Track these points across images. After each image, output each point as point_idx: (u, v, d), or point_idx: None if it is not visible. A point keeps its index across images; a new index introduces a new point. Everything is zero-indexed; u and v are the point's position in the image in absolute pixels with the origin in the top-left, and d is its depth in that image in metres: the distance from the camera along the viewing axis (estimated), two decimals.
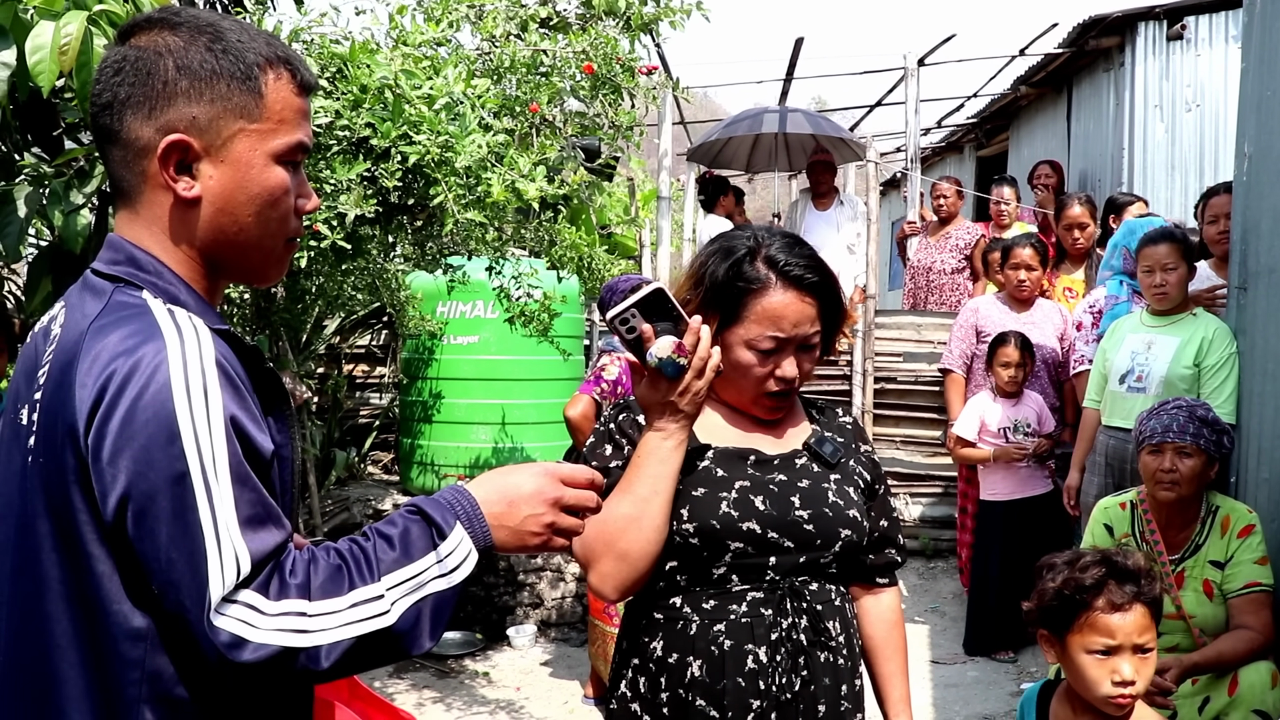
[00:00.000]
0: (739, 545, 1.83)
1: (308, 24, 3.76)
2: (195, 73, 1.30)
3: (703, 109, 25.45)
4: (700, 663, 1.82)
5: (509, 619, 6.02)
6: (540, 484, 1.39)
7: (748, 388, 1.93)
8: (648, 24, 4.10)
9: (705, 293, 1.92)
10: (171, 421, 1.18)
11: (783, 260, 1.90)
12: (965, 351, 5.88)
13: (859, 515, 1.92)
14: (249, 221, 1.35)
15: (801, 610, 1.85)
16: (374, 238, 4.11)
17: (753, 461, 1.91)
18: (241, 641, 1.17)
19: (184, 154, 1.31)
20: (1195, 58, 8.44)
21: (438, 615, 1.29)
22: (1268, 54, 3.72)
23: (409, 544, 1.29)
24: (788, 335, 1.89)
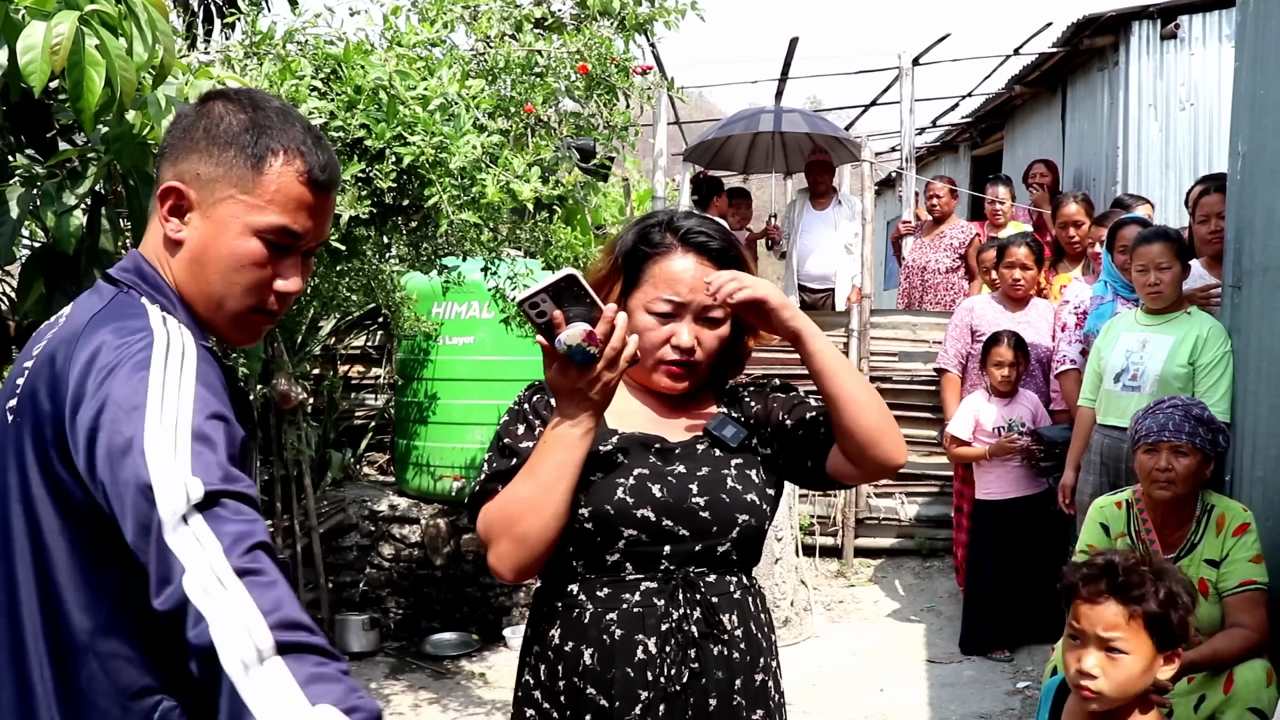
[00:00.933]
0: (632, 532, 1.82)
1: (302, 25, 3.76)
2: (216, 138, 1.47)
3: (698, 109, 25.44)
4: (592, 651, 1.82)
5: (505, 620, 6.02)
6: None
7: (645, 355, 1.90)
8: (642, 24, 4.10)
9: (614, 262, 1.96)
10: (144, 387, 1.28)
11: (686, 227, 1.92)
12: (960, 351, 5.89)
13: (758, 499, 1.89)
14: (215, 278, 1.47)
15: (695, 601, 1.83)
16: (369, 239, 4.11)
17: (656, 450, 1.90)
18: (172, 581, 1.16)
19: (180, 200, 1.47)
20: (1189, 57, 8.45)
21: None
22: (1261, 53, 3.72)
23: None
24: (683, 299, 1.88)
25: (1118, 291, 4.95)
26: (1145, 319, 4.39)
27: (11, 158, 2.58)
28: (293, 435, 5.20)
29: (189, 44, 4.00)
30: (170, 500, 1.19)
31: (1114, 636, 2.27)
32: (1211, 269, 4.53)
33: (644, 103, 4.48)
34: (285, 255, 1.49)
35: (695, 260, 1.90)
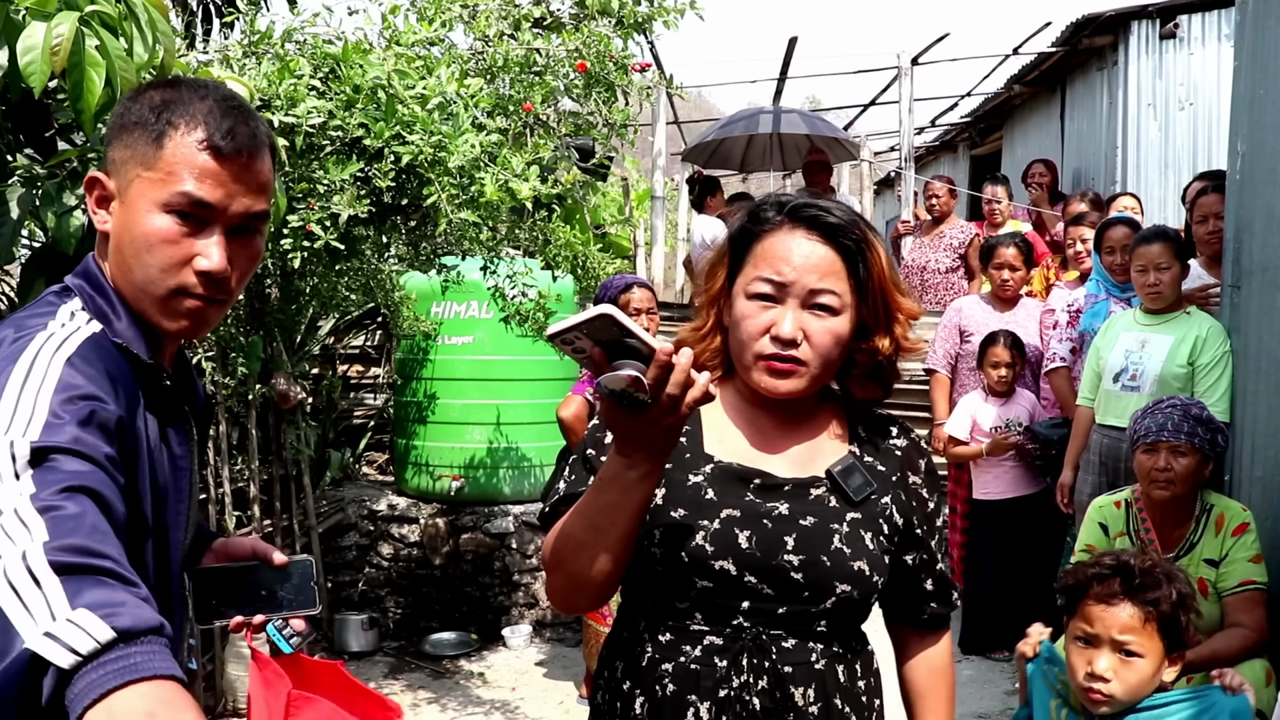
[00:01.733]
0: (707, 584, 1.57)
1: (300, 24, 3.76)
2: (127, 123, 1.44)
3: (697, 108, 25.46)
4: (643, 701, 1.60)
5: (504, 619, 6.01)
6: None
7: (743, 349, 1.62)
8: (641, 23, 4.10)
9: (723, 244, 1.71)
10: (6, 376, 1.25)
11: (798, 202, 1.64)
12: (949, 351, 5.89)
13: (868, 569, 1.61)
14: (133, 262, 1.43)
15: (762, 669, 1.57)
16: (368, 238, 4.11)
17: (756, 486, 1.62)
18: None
19: (103, 190, 1.45)
20: (1188, 56, 8.46)
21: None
22: (1260, 52, 3.73)
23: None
24: (785, 279, 1.58)
25: (1109, 291, 4.97)
26: (1144, 319, 4.39)
27: (11, 158, 2.57)
28: (292, 435, 5.20)
29: (188, 44, 4.00)
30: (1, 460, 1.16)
31: (1129, 639, 2.26)
32: (1210, 269, 4.53)
33: (643, 102, 4.48)
34: (203, 230, 1.42)
35: (805, 235, 1.60)
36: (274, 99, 3.46)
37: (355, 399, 7.32)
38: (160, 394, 1.46)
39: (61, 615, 1.02)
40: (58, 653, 1.00)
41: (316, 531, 5.48)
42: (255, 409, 4.92)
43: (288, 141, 3.37)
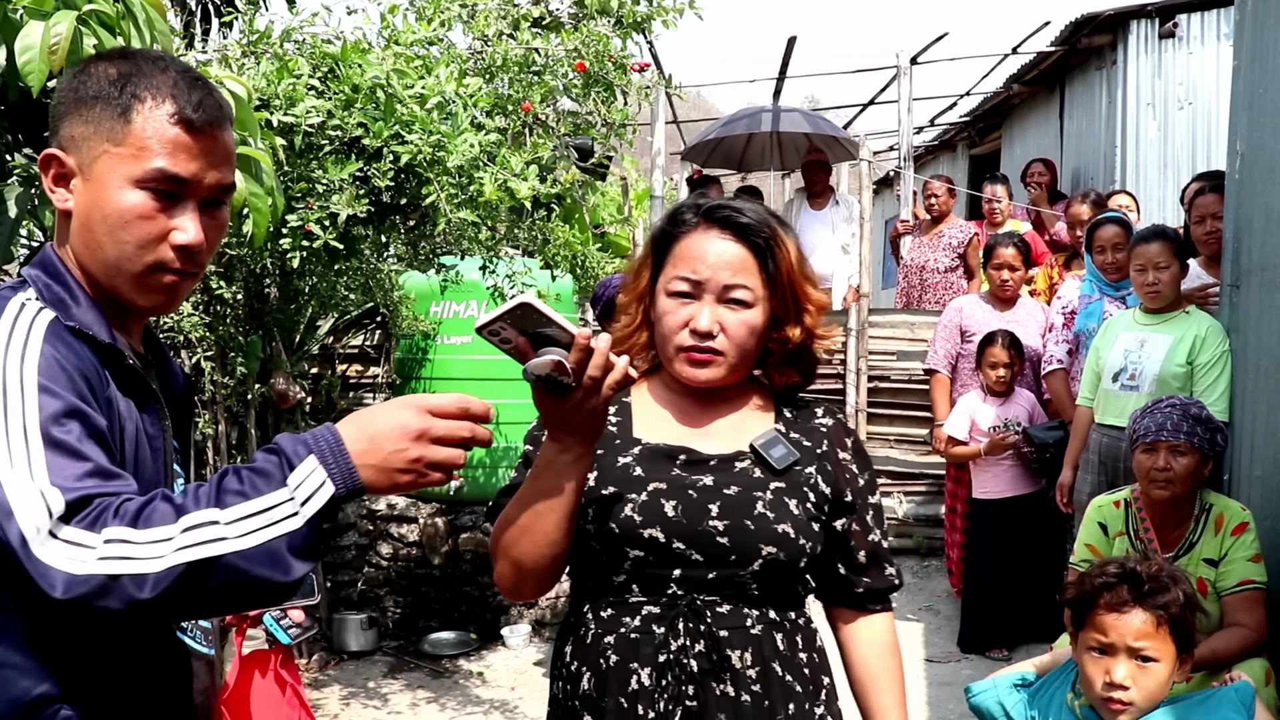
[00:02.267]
0: (638, 553, 1.66)
1: (299, 24, 3.76)
2: (82, 97, 1.40)
3: (696, 108, 25.47)
4: (590, 676, 1.68)
5: (503, 619, 6.01)
6: (404, 418, 1.30)
7: (666, 342, 1.74)
8: (640, 22, 4.10)
9: (646, 248, 1.83)
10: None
11: (714, 205, 1.76)
12: (950, 351, 5.88)
13: (793, 531, 1.68)
14: (105, 240, 1.40)
15: (698, 633, 1.64)
16: (367, 237, 4.11)
17: (682, 462, 1.72)
18: (60, 575, 1.18)
19: (61, 168, 1.41)
20: (1187, 55, 8.46)
21: (300, 548, 1.24)
22: (1259, 51, 3.73)
23: (256, 479, 1.25)
24: (700, 277, 1.70)
25: (1103, 290, 4.97)
26: (1143, 318, 4.39)
27: (10, 157, 2.57)
28: (169, 429, 5.20)
29: (187, 43, 4.00)
30: (31, 517, 1.20)
31: (1145, 645, 2.26)
32: (1208, 268, 4.53)
33: (641, 101, 4.48)
34: (177, 204, 1.41)
35: (719, 235, 1.72)
36: (273, 98, 3.46)
37: (354, 399, 7.31)
38: (125, 375, 1.43)
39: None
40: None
41: None
42: (254, 409, 4.92)
43: (286, 141, 3.37)
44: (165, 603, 1.20)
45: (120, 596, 1.18)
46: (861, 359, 7.36)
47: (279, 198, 2.70)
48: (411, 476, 1.30)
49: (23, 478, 1.21)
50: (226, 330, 4.65)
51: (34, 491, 1.21)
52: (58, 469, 1.23)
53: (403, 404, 1.32)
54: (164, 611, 1.22)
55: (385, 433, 1.29)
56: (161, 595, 1.19)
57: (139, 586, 1.18)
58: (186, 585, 1.20)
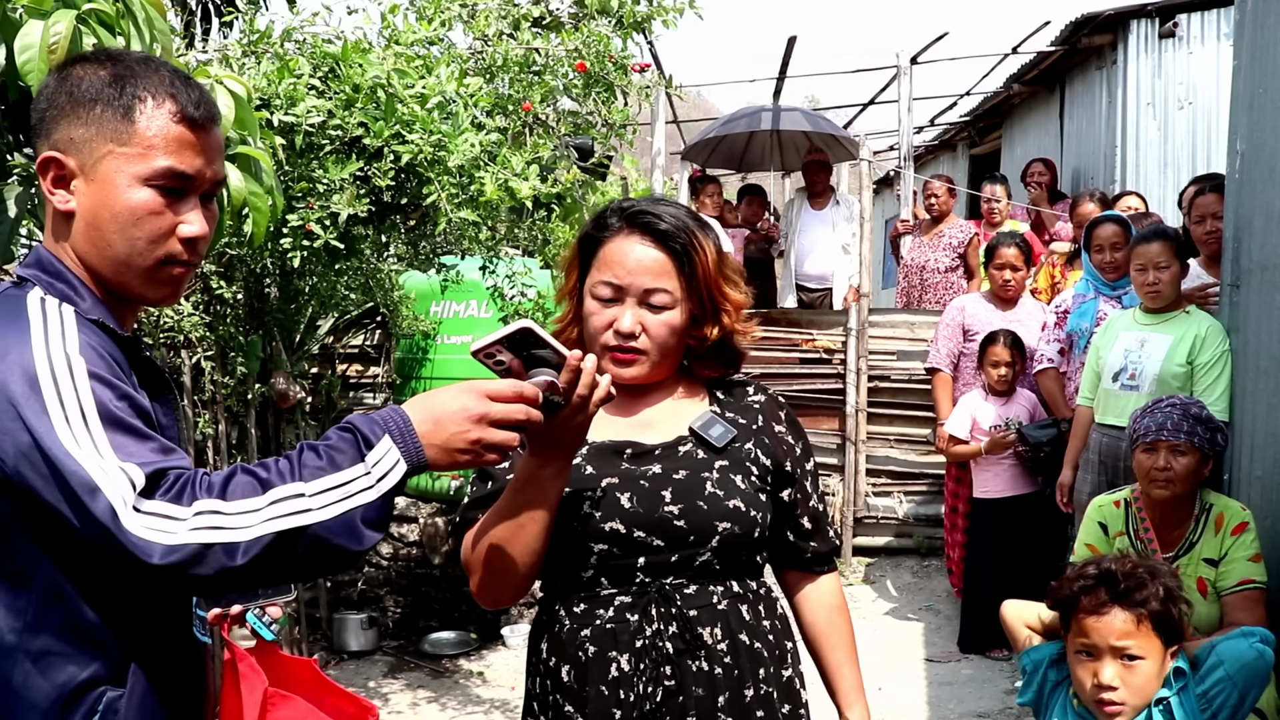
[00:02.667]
0: (602, 547, 1.75)
1: (300, 23, 3.76)
2: (78, 98, 1.43)
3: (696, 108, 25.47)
4: (568, 669, 1.77)
5: (503, 618, 6.01)
6: (465, 401, 1.42)
7: (592, 342, 1.82)
8: (640, 22, 4.10)
9: (573, 249, 1.90)
10: (34, 381, 1.29)
11: (635, 209, 1.83)
12: (952, 350, 5.88)
13: (744, 505, 1.79)
14: (115, 238, 1.43)
15: (670, 616, 1.74)
16: (367, 237, 4.11)
17: (629, 455, 1.82)
18: (156, 546, 1.25)
19: (61, 170, 1.43)
20: (1187, 55, 8.46)
21: (373, 519, 1.36)
22: (1260, 51, 3.72)
23: (335, 455, 1.36)
24: (622, 282, 1.79)
25: (1099, 290, 4.97)
26: (1144, 318, 4.39)
27: (9, 156, 2.57)
28: (291, 434, 5.20)
29: (187, 43, 4.00)
30: (117, 491, 1.25)
31: (1128, 644, 2.26)
32: (1208, 268, 4.53)
33: (642, 101, 4.48)
34: (181, 200, 1.46)
35: (639, 241, 1.80)
36: (273, 98, 3.46)
37: (354, 398, 7.31)
38: (141, 366, 1.48)
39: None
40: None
41: None
42: (254, 408, 4.92)
43: (287, 140, 3.37)
44: (253, 570, 1.29)
45: (212, 564, 1.26)
46: (861, 359, 7.35)
47: (279, 197, 2.70)
48: (470, 457, 1.43)
49: (92, 456, 1.26)
50: (226, 330, 4.65)
51: (112, 467, 1.26)
52: (123, 447, 1.29)
53: (463, 389, 1.44)
54: (250, 578, 1.30)
55: (449, 415, 1.41)
56: (250, 563, 1.28)
57: (230, 555, 1.27)
58: (273, 553, 1.29)
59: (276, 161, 3.03)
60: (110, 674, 1.37)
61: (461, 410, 1.41)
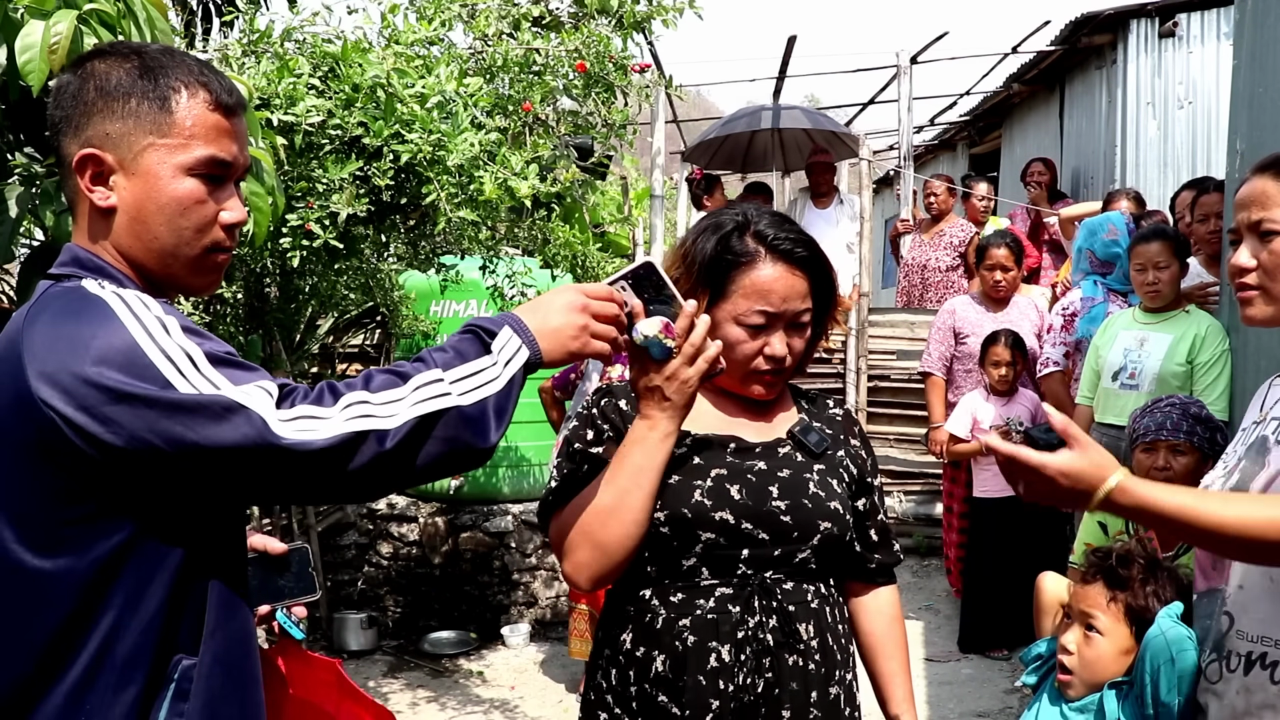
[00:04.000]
0: (710, 535, 1.78)
1: (300, 23, 3.75)
2: (110, 93, 1.42)
3: (696, 107, 25.48)
4: (664, 658, 1.77)
5: (503, 618, 6.02)
6: (567, 295, 1.55)
7: (736, 366, 1.87)
8: (640, 22, 4.10)
9: (695, 270, 1.88)
10: (134, 352, 1.30)
11: (771, 234, 1.87)
12: (944, 354, 5.86)
13: (840, 508, 1.86)
14: (161, 230, 1.44)
15: (771, 609, 1.78)
16: (367, 237, 4.11)
17: (733, 449, 1.86)
18: (308, 441, 1.30)
19: (99, 166, 1.42)
20: (1187, 55, 8.46)
21: (500, 409, 1.44)
22: (1259, 50, 3.73)
23: (463, 350, 1.46)
24: (777, 310, 1.85)
25: (1110, 288, 4.93)
26: (1143, 317, 4.39)
27: (10, 156, 2.57)
28: None
29: (187, 42, 4.00)
30: (260, 403, 1.30)
31: (1093, 614, 2.30)
32: (1209, 267, 4.53)
33: (642, 101, 4.48)
34: (221, 187, 1.47)
35: (786, 269, 1.86)
36: (273, 98, 3.46)
37: None
38: None
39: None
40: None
41: (315, 530, 5.48)
42: None
43: (286, 140, 3.37)
44: (400, 455, 1.35)
45: (366, 452, 1.33)
46: (861, 358, 7.36)
47: (280, 197, 2.70)
48: (580, 344, 1.54)
49: (214, 392, 1.29)
50: (226, 329, 4.65)
51: (244, 388, 1.30)
52: (240, 378, 1.32)
53: (561, 289, 1.57)
54: (398, 466, 1.36)
55: (554, 308, 1.54)
56: (397, 446, 1.34)
57: (381, 441, 1.33)
58: (418, 436, 1.36)
59: (276, 161, 3.03)
60: (185, 642, 1.39)
61: (565, 303, 1.53)
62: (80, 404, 1.27)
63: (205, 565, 1.41)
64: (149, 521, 1.35)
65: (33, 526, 1.33)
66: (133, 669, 1.35)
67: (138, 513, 1.34)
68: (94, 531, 1.33)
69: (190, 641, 1.40)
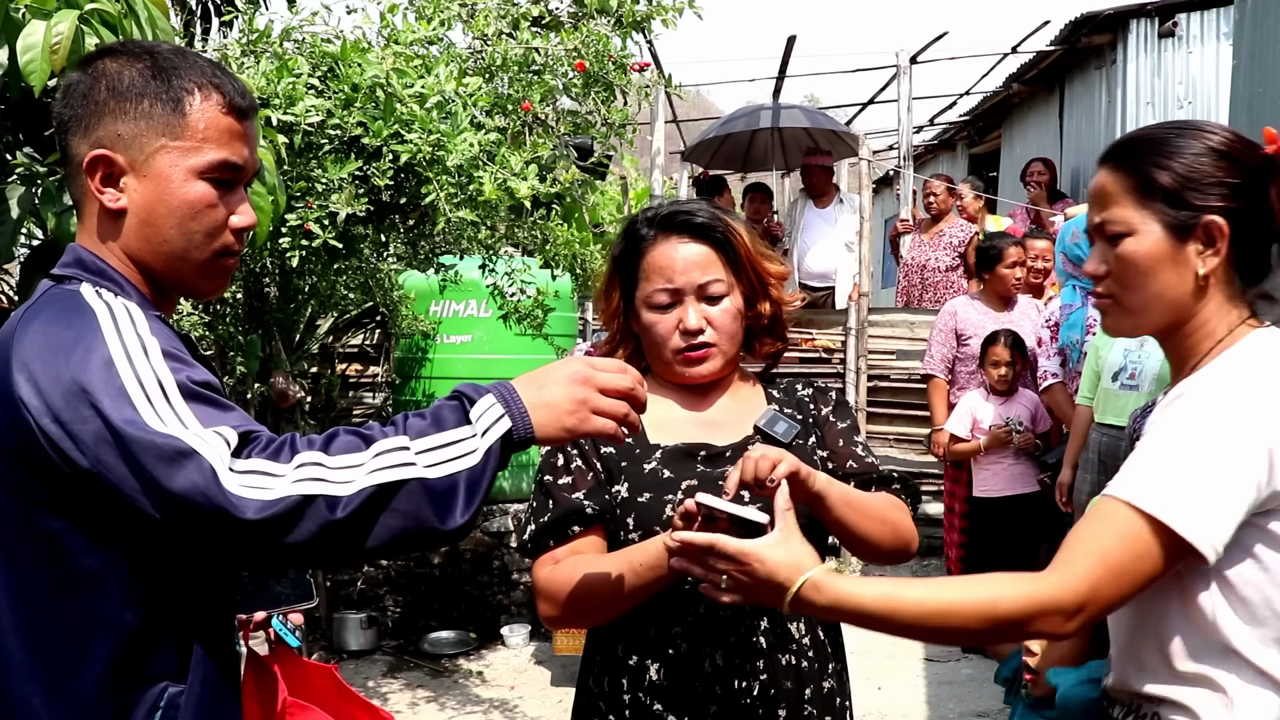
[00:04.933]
0: None
1: (299, 23, 3.76)
2: (123, 93, 1.39)
3: (696, 107, 25.48)
4: (658, 666, 1.77)
5: (503, 618, 6.01)
6: (571, 365, 1.44)
7: (660, 350, 1.86)
8: (640, 21, 4.10)
9: (611, 270, 1.93)
10: (109, 365, 1.27)
11: (665, 214, 1.87)
12: (946, 356, 5.84)
13: None
14: (172, 234, 1.42)
15: (760, 611, 1.76)
16: (366, 237, 4.11)
17: (703, 457, 1.84)
18: (254, 501, 1.22)
19: (110, 168, 1.40)
20: (1187, 55, 8.47)
21: (473, 485, 1.31)
22: (1259, 51, 3.73)
23: (440, 416, 1.35)
24: (678, 284, 1.83)
25: (1086, 289, 4.92)
26: None
27: (11, 156, 2.58)
28: (290, 433, 5.21)
29: (187, 42, 4.00)
30: (214, 451, 1.23)
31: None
32: None
33: (641, 101, 4.48)
34: (232, 190, 1.45)
35: (679, 240, 1.85)
36: (272, 97, 3.46)
37: (354, 398, 7.32)
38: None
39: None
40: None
41: None
42: (254, 408, 4.92)
43: (286, 140, 3.37)
44: (351, 526, 1.25)
45: (314, 519, 1.23)
46: (861, 358, 7.36)
47: (282, 196, 2.70)
48: (577, 419, 1.40)
49: (178, 427, 1.24)
50: (226, 329, 4.65)
51: (204, 431, 1.24)
52: (207, 417, 1.27)
53: (567, 359, 1.47)
54: (347, 536, 1.25)
55: (553, 379, 1.41)
56: (350, 516, 1.24)
57: (332, 508, 1.24)
58: (372, 508, 1.26)
59: (276, 161, 3.03)
60: (171, 670, 1.36)
61: (566, 374, 1.42)
62: (54, 415, 1.25)
63: (187, 589, 1.38)
64: (125, 543, 1.31)
65: (9, 532, 1.31)
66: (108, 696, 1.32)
67: (112, 534, 1.30)
68: (65, 548, 1.30)
69: (176, 667, 1.36)
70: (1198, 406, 1.39)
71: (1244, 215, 1.46)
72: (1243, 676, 1.41)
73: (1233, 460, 1.35)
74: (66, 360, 1.27)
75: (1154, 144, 1.51)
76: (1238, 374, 1.41)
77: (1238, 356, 1.45)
